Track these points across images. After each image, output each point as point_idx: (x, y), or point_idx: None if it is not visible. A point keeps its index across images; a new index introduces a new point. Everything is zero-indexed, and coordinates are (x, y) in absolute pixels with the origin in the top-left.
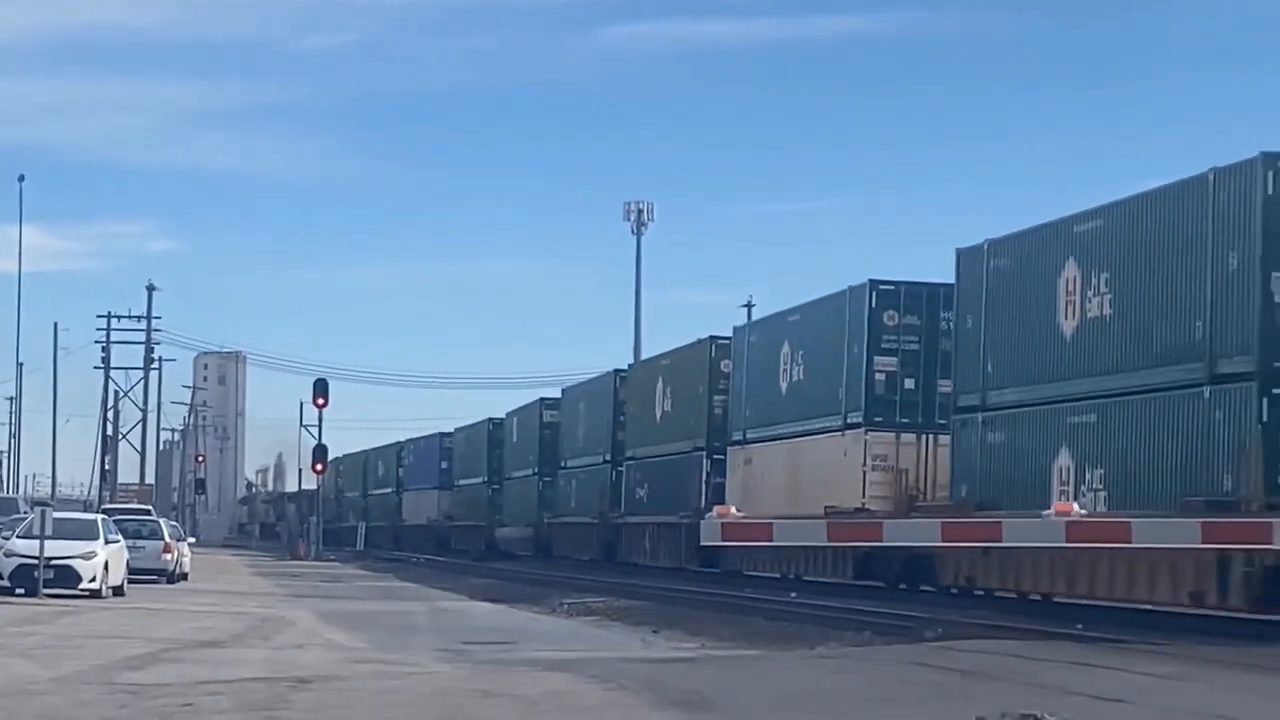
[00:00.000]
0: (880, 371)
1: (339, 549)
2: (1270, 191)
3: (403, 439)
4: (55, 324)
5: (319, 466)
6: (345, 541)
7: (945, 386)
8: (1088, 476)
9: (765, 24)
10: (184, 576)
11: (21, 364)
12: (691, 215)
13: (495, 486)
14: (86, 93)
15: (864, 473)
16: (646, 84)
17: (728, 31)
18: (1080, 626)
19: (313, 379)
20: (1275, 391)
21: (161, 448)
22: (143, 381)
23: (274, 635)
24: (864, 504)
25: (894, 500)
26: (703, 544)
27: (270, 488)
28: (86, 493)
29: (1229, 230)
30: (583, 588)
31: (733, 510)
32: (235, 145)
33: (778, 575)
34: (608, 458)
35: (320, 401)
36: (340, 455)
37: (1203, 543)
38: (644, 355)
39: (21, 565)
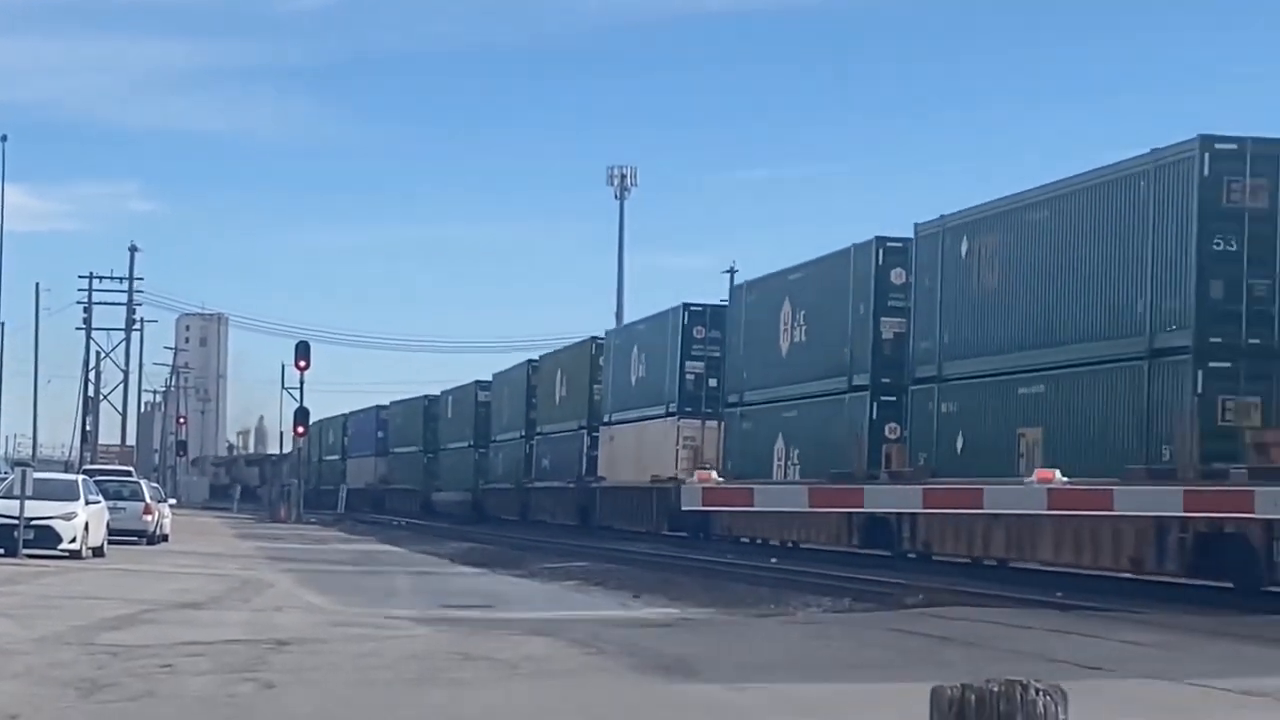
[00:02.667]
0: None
1: (319, 511)
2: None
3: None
4: (37, 284)
5: (300, 429)
6: (326, 504)
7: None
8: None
9: None
10: (164, 538)
11: (2, 324)
12: (675, 179)
13: (430, 455)
14: (69, 52)
15: (676, 450)
16: (630, 47)
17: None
18: (1060, 594)
19: (295, 341)
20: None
21: (143, 409)
22: (124, 343)
23: (254, 597)
24: (676, 475)
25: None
26: (684, 508)
27: (252, 450)
28: (68, 454)
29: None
30: (565, 552)
31: (713, 475)
32: (218, 106)
33: (776, 542)
34: (523, 434)
35: (302, 364)
36: (320, 419)
37: (1185, 511)
38: (627, 319)
39: (1, 525)
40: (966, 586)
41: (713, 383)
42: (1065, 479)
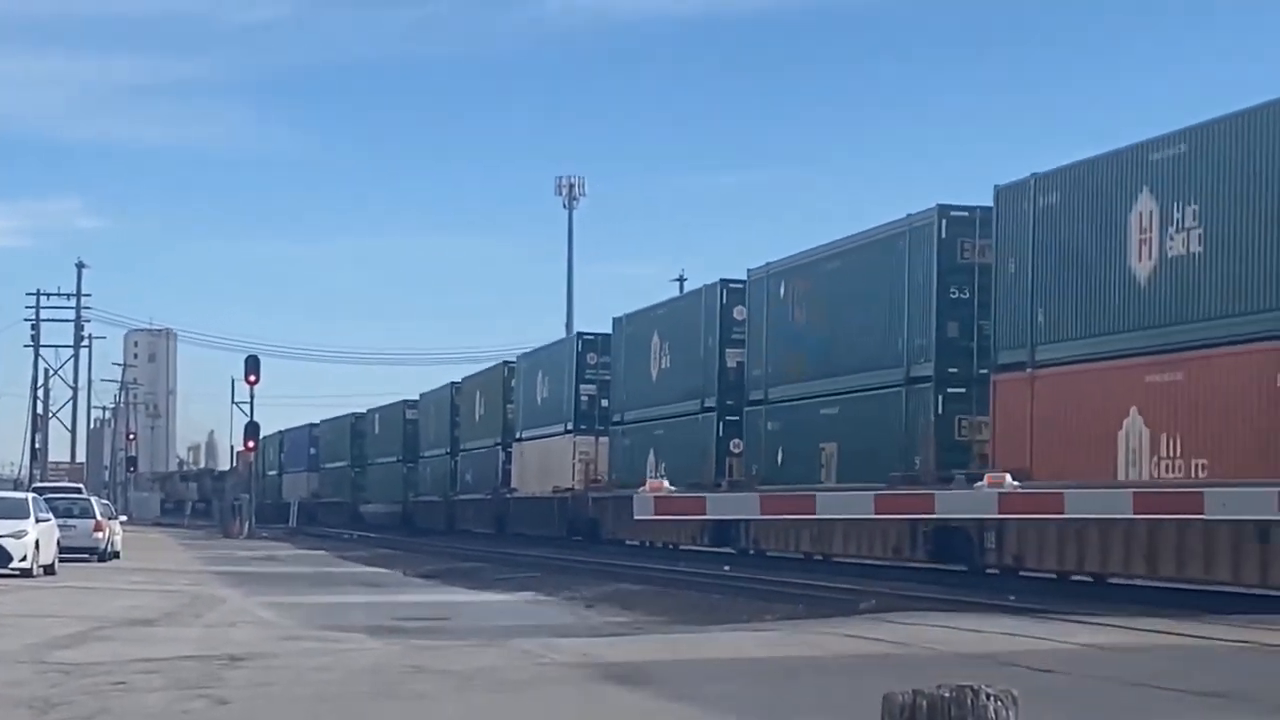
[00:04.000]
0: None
1: (271, 526)
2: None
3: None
4: None
5: (250, 444)
6: (279, 519)
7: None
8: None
9: None
10: (116, 555)
11: None
12: (624, 188)
13: (358, 469)
14: (11, 68)
15: (573, 464)
16: (576, 58)
17: (656, 5)
18: (1013, 598)
19: (244, 356)
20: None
21: (92, 426)
22: (73, 359)
23: (206, 613)
24: (573, 485)
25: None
26: (636, 518)
27: (202, 464)
28: (17, 471)
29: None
30: (515, 564)
31: (665, 485)
32: (163, 121)
33: (660, 544)
34: (449, 450)
35: (252, 379)
36: (262, 436)
37: (1135, 512)
38: (577, 326)
39: None
40: (919, 591)
41: (604, 403)
42: (1016, 483)
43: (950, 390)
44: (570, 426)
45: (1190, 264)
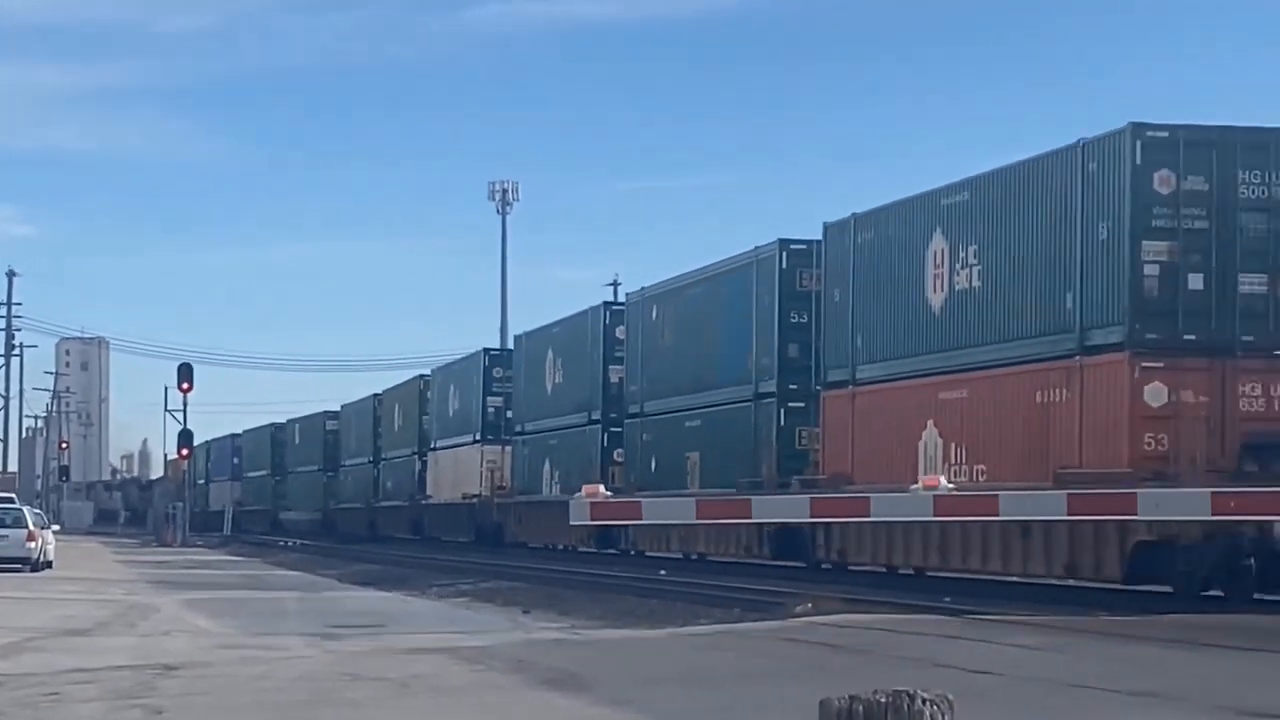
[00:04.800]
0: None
1: (205, 534)
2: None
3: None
4: None
5: (184, 452)
6: (212, 526)
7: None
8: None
9: (627, 2)
10: (48, 564)
11: None
12: (557, 192)
13: (279, 478)
14: None
15: (481, 471)
16: (508, 63)
17: (590, 10)
18: (948, 599)
19: (178, 364)
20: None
21: (24, 435)
22: (4, 368)
23: (140, 622)
24: (480, 492)
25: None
26: (572, 523)
27: (135, 473)
28: None
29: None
30: (447, 569)
31: (601, 490)
32: (95, 128)
33: (559, 545)
34: (371, 459)
35: (185, 387)
36: (198, 443)
37: (1069, 514)
38: (513, 331)
39: None
40: (856, 594)
41: (509, 414)
42: (951, 485)
43: (791, 404)
44: (478, 436)
45: (972, 296)
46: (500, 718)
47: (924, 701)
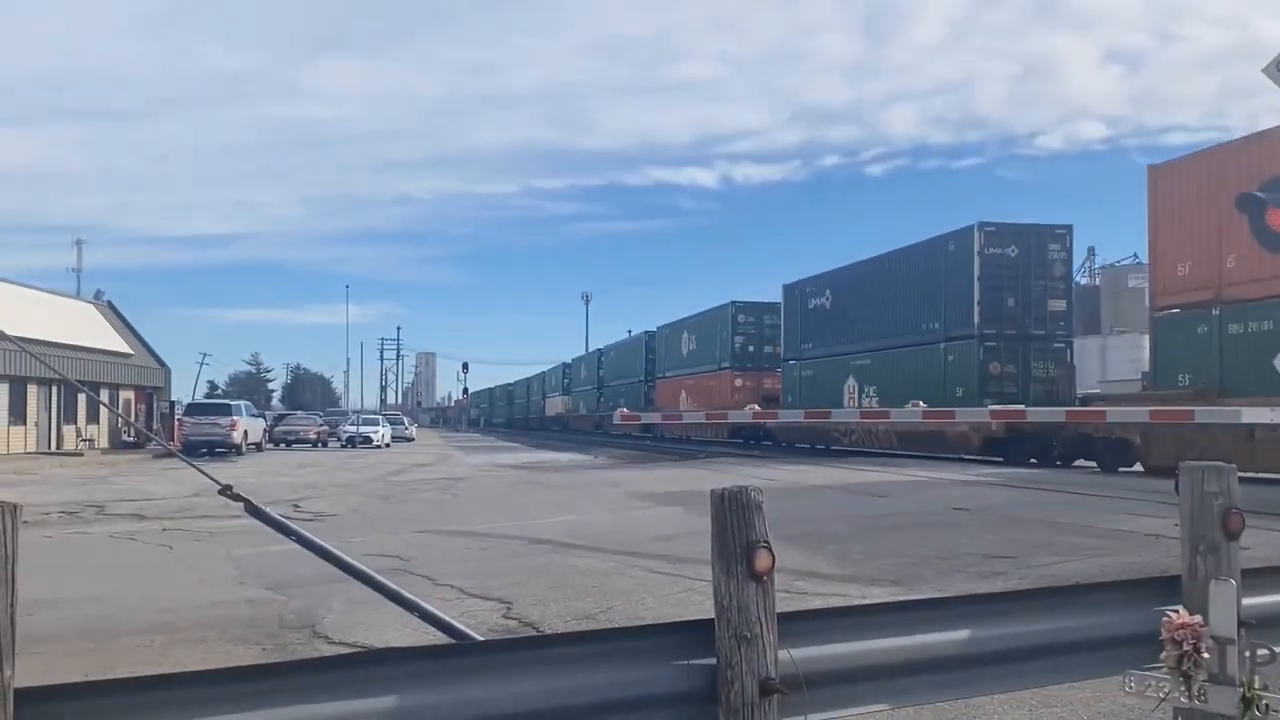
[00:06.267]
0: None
1: (499, 429)
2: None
3: None
4: None
5: (464, 396)
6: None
7: None
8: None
9: None
10: (412, 439)
11: None
12: None
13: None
14: None
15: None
16: None
17: None
18: (758, 452)
19: (461, 362)
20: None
21: (404, 389)
22: (398, 367)
23: (447, 461)
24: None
25: None
26: (614, 423)
27: (450, 404)
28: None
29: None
30: (582, 442)
31: (624, 411)
32: None
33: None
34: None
35: (465, 372)
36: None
37: (923, 418)
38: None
39: (355, 436)
40: (736, 450)
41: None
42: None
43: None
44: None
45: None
46: (583, 496)
47: (752, 491)
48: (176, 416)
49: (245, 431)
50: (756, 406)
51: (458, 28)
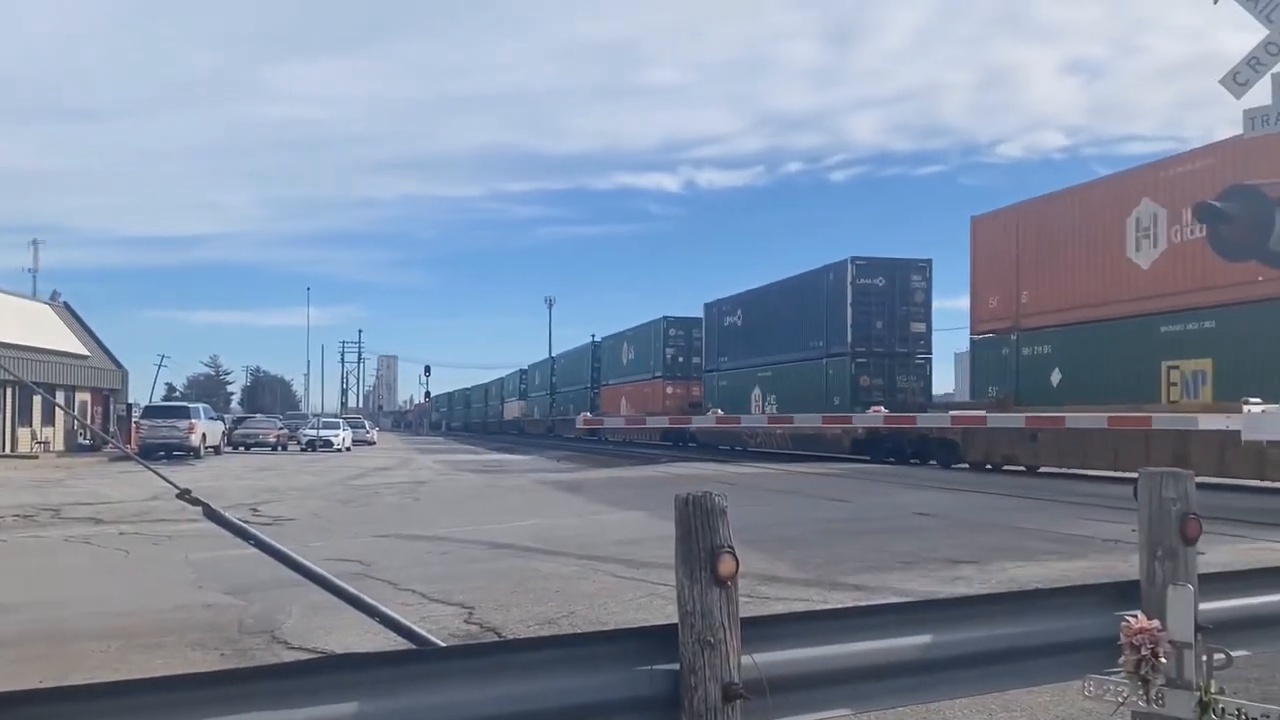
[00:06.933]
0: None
1: (459, 434)
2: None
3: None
4: None
5: (425, 399)
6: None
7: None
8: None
9: None
10: (373, 443)
11: None
12: None
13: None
14: None
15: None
16: None
17: None
18: (724, 454)
19: (424, 365)
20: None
21: (365, 392)
22: (359, 372)
23: (409, 465)
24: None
25: None
26: (576, 428)
27: (410, 408)
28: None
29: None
30: (539, 446)
31: (587, 415)
32: None
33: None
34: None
35: (426, 375)
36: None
37: (823, 424)
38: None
39: (314, 439)
40: (691, 456)
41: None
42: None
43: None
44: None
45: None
46: (542, 499)
47: (715, 494)
48: (134, 419)
49: (204, 434)
50: (719, 411)
51: (426, 31)
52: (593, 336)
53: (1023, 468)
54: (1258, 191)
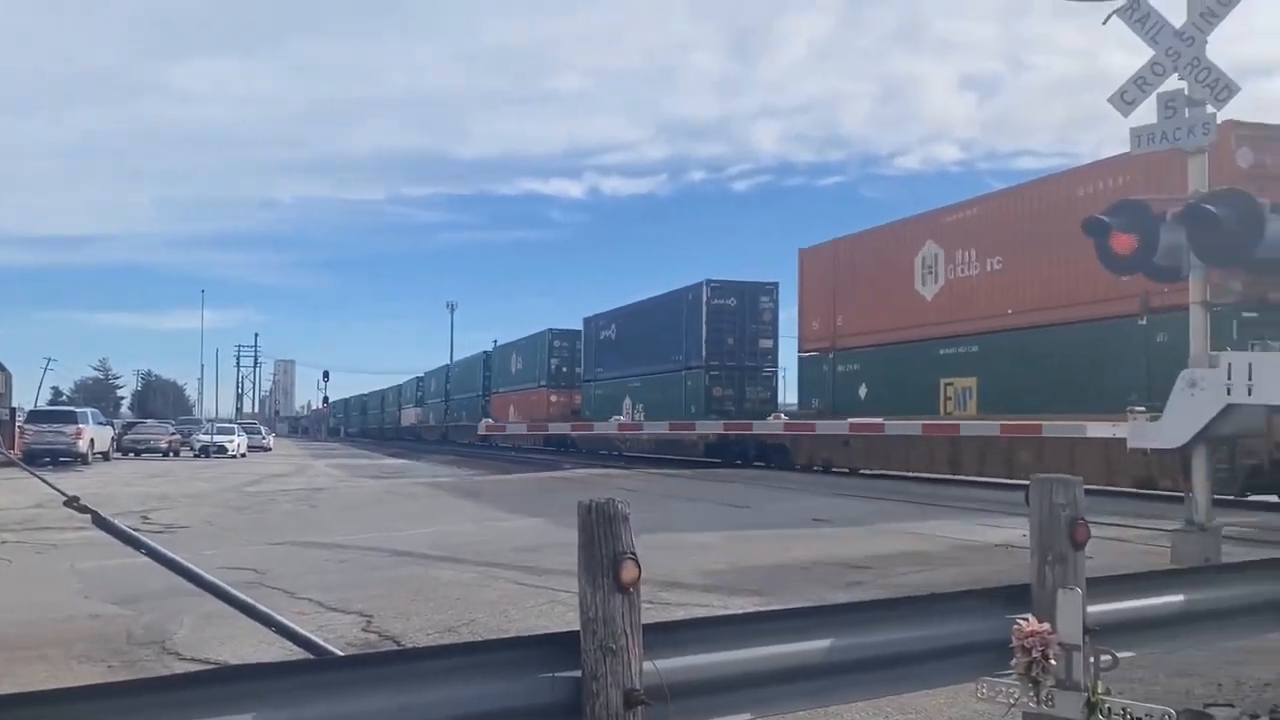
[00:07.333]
0: None
1: (358, 440)
2: (555, 343)
3: None
4: None
5: (323, 404)
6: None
7: None
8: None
9: None
10: (269, 449)
11: None
12: None
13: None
14: None
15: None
16: None
17: None
18: (623, 463)
19: (323, 370)
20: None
21: (262, 397)
22: (255, 376)
23: (306, 471)
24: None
25: None
26: (478, 434)
27: (307, 413)
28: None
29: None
30: (449, 453)
31: (489, 422)
32: None
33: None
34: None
35: (325, 381)
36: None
37: (669, 431)
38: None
39: (208, 445)
40: (593, 464)
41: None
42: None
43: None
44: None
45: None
46: (440, 505)
47: (617, 502)
48: (18, 424)
49: (92, 440)
50: (622, 418)
51: (330, 32)
52: (495, 342)
53: (846, 470)
54: (1144, 206)
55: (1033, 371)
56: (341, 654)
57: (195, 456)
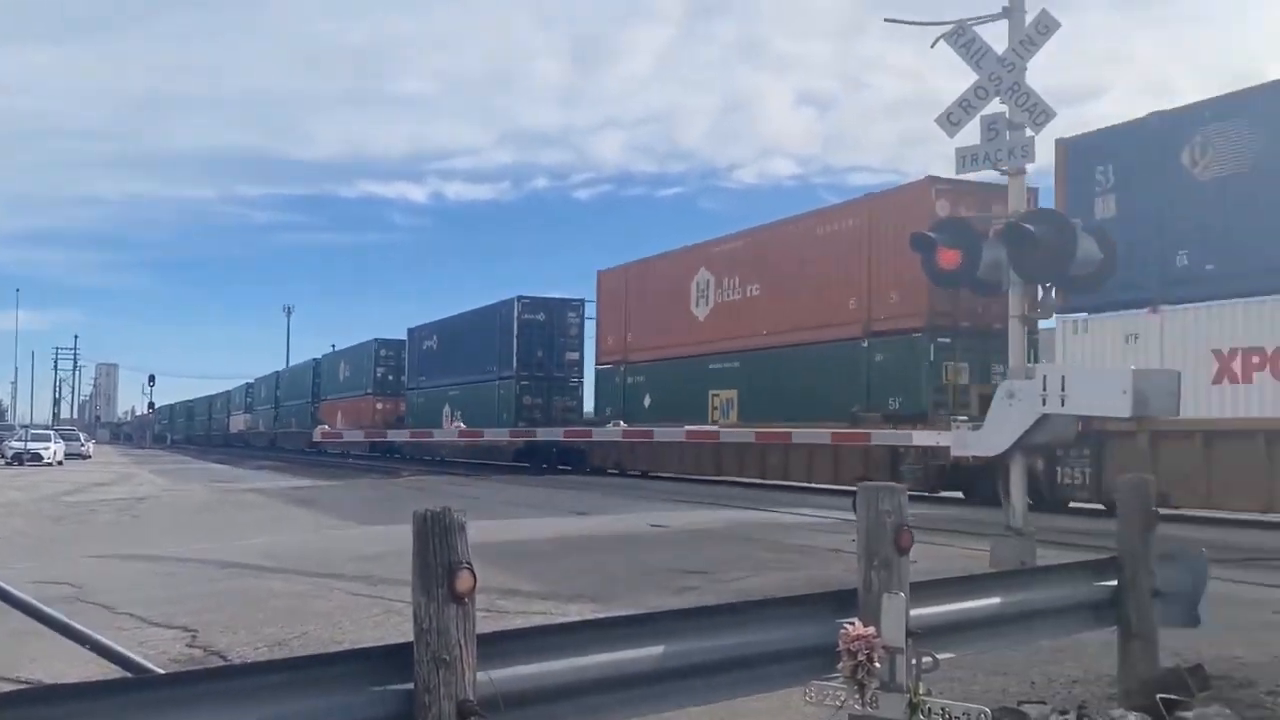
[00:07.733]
0: None
1: (185, 446)
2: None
3: None
4: None
5: (149, 410)
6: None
7: None
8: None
9: None
10: (89, 457)
11: None
12: None
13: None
14: None
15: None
16: None
17: None
18: (463, 470)
19: (148, 374)
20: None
21: (81, 402)
22: (76, 378)
23: (129, 480)
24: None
25: None
26: (313, 441)
27: (131, 419)
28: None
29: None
30: (282, 460)
31: (325, 428)
32: None
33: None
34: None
35: (150, 386)
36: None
37: (510, 438)
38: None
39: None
40: (437, 470)
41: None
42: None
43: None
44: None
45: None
46: (273, 514)
47: (455, 511)
48: None
49: None
50: (462, 425)
51: (160, 24)
52: (333, 346)
53: (638, 473)
54: (967, 224)
55: (781, 385)
56: (162, 671)
57: (7, 464)
